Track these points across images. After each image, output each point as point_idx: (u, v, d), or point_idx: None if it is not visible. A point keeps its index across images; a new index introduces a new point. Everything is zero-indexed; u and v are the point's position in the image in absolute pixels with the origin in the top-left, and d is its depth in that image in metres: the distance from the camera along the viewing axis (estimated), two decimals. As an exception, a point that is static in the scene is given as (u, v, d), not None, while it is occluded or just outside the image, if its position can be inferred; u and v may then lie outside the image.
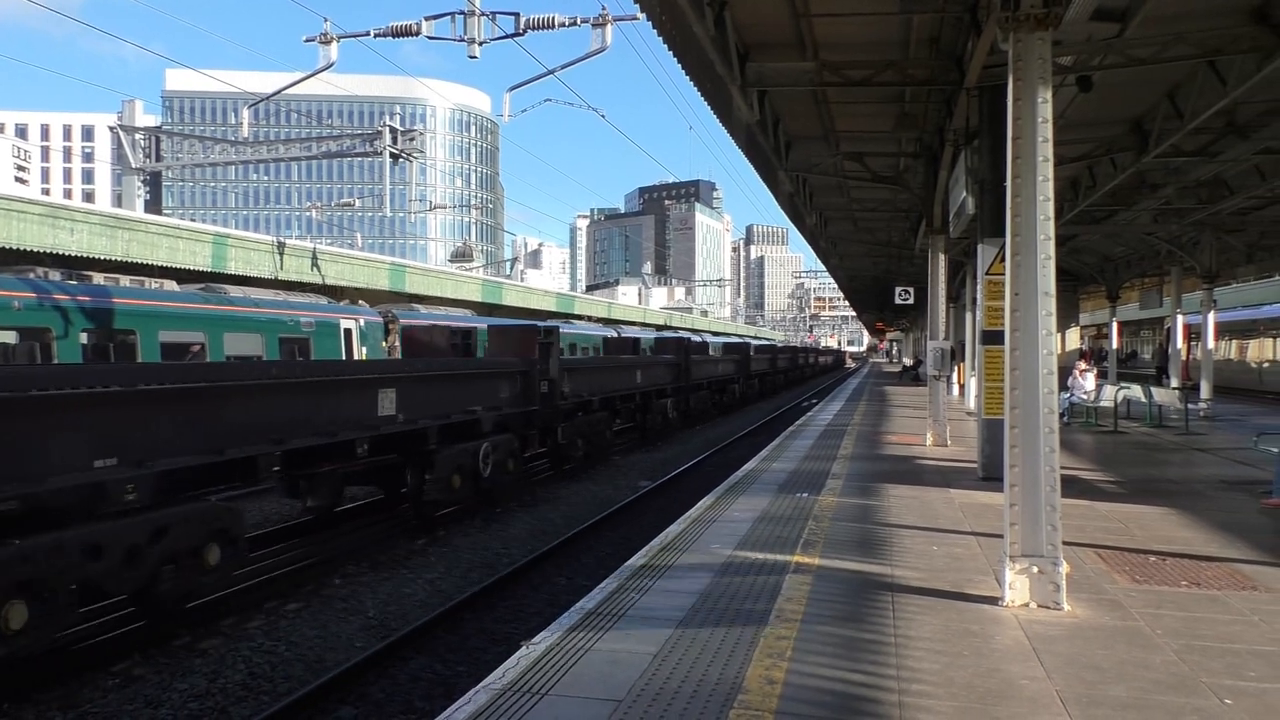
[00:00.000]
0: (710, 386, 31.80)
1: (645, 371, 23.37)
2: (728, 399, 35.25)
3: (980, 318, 11.22)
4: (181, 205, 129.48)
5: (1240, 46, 9.96)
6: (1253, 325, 33.91)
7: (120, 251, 20.55)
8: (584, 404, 18.34)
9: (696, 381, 28.97)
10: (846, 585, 6.60)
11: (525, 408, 15.15)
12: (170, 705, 6.72)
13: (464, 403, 13.05)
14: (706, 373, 31.21)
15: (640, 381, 22.68)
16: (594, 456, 19.12)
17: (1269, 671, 4.85)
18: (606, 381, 20.01)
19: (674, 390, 26.15)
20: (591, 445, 18.69)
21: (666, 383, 25.54)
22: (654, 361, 26.09)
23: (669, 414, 25.15)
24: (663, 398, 24.81)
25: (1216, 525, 8.73)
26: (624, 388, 21.30)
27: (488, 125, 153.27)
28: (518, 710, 4.37)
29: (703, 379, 30.17)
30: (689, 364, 27.69)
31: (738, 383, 37.38)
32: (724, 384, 34.85)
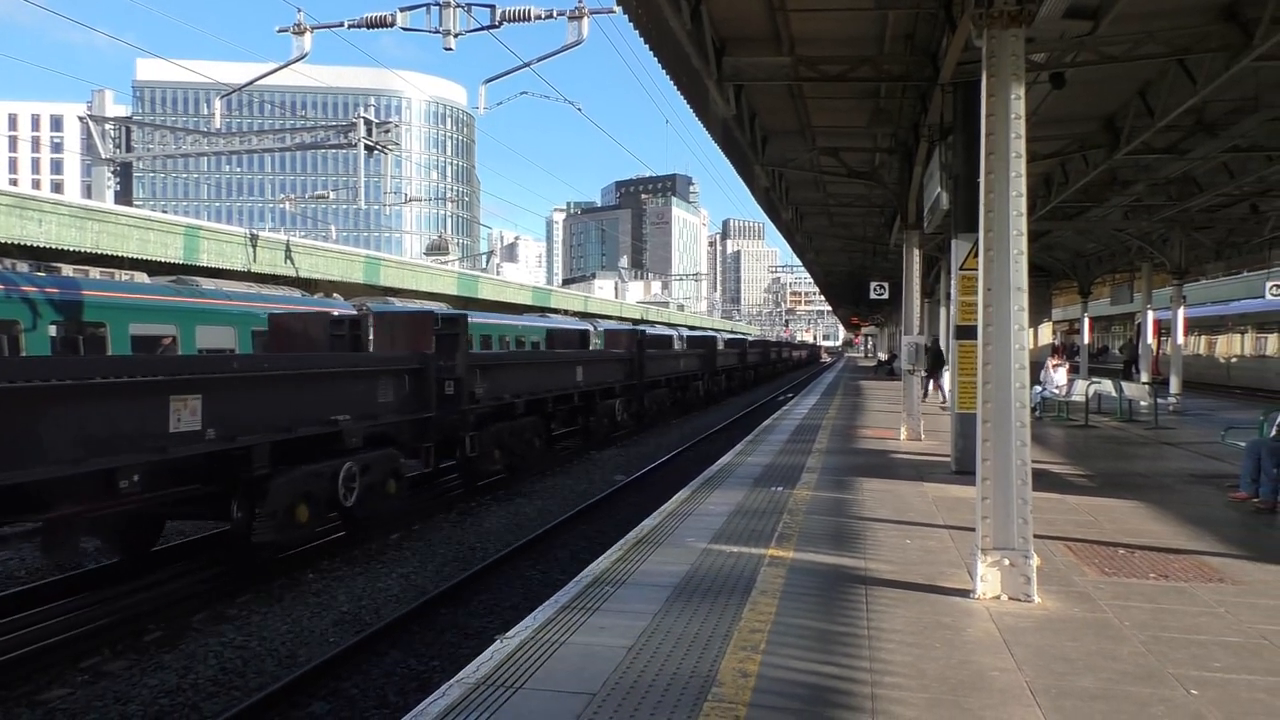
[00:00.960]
0: (670, 384, 29.27)
1: (589, 368, 20.65)
2: (690, 397, 32.79)
3: (954, 312, 11.30)
4: (153, 197, 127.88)
5: (1209, 45, 10.07)
6: (1221, 321, 34.37)
7: (90, 243, 20.30)
8: (504, 408, 15.54)
9: (653, 379, 26.35)
10: (821, 578, 6.63)
11: (417, 414, 12.55)
12: (140, 701, 6.65)
13: (321, 411, 10.32)
14: (665, 369, 28.57)
15: (582, 380, 19.95)
16: (522, 469, 16.61)
17: (1234, 662, 4.92)
18: (537, 380, 17.24)
19: (625, 389, 23.57)
20: (516, 456, 16.00)
21: (616, 380, 22.81)
22: (600, 357, 23.06)
23: (618, 416, 22.48)
24: (610, 397, 22.08)
25: (1184, 518, 8.84)
26: (560, 387, 18.51)
27: (463, 118, 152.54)
28: (492, 704, 4.37)
29: (660, 376, 27.62)
30: (643, 359, 24.96)
31: (702, 379, 34.92)
32: (686, 381, 32.19)
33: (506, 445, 15.44)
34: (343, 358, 12.17)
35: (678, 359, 31.60)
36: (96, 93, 65.87)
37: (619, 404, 22.56)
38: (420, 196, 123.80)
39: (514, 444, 15.77)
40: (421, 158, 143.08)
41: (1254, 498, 9.28)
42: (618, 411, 22.42)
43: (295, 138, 31.32)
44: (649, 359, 25.79)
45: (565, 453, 20.29)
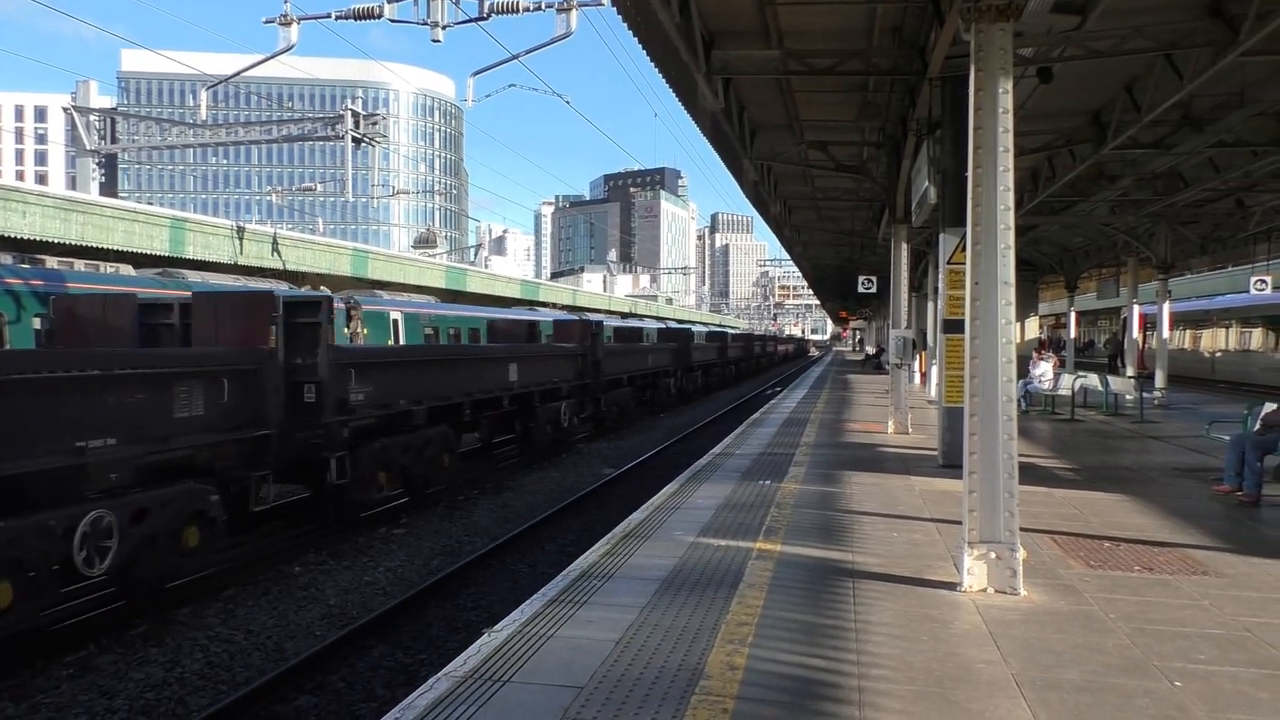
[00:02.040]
0: (635, 382, 26.35)
1: (526, 365, 17.18)
2: (659, 396, 29.85)
3: (942, 307, 11.33)
4: (138, 188, 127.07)
5: (1195, 40, 10.11)
6: (1206, 316, 34.56)
7: (75, 235, 20.14)
8: (395, 418, 12.40)
9: (612, 377, 23.20)
10: (808, 571, 6.65)
11: (245, 432, 9.48)
12: (126, 695, 6.63)
13: (55, 440, 7.18)
14: (627, 365, 25.28)
15: (518, 379, 16.56)
16: (423, 499, 13.42)
17: (1218, 654, 4.95)
18: (449, 381, 13.93)
19: (577, 389, 20.44)
20: (412, 479, 12.72)
21: (564, 380, 19.49)
22: (540, 352, 19.54)
23: (564, 421, 19.19)
24: (555, 400, 18.85)
25: (1169, 511, 8.89)
26: (486, 389, 15.24)
27: (451, 110, 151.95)
28: (479, 697, 4.36)
29: (622, 373, 24.50)
30: (598, 354, 21.66)
31: (674, 376, 31.81)
32: (654, 378, 29.22)
33: (400, 465, 12.19)
34: (100, 356, 8.03)
35: (644, 354, 28.37)
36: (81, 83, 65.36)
37: (567, 407, 19.37)
38: (408, 189, 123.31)
39: (412, 463, 12.53)
40: (409, 150, 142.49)
41: (1238, 491, 9.35)
42: (564, 416, 19.21)
43: (282, 130, 31.11)
44: (608, 354, 22.74)
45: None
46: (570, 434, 20.19)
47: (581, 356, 20.84)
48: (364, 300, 23.84)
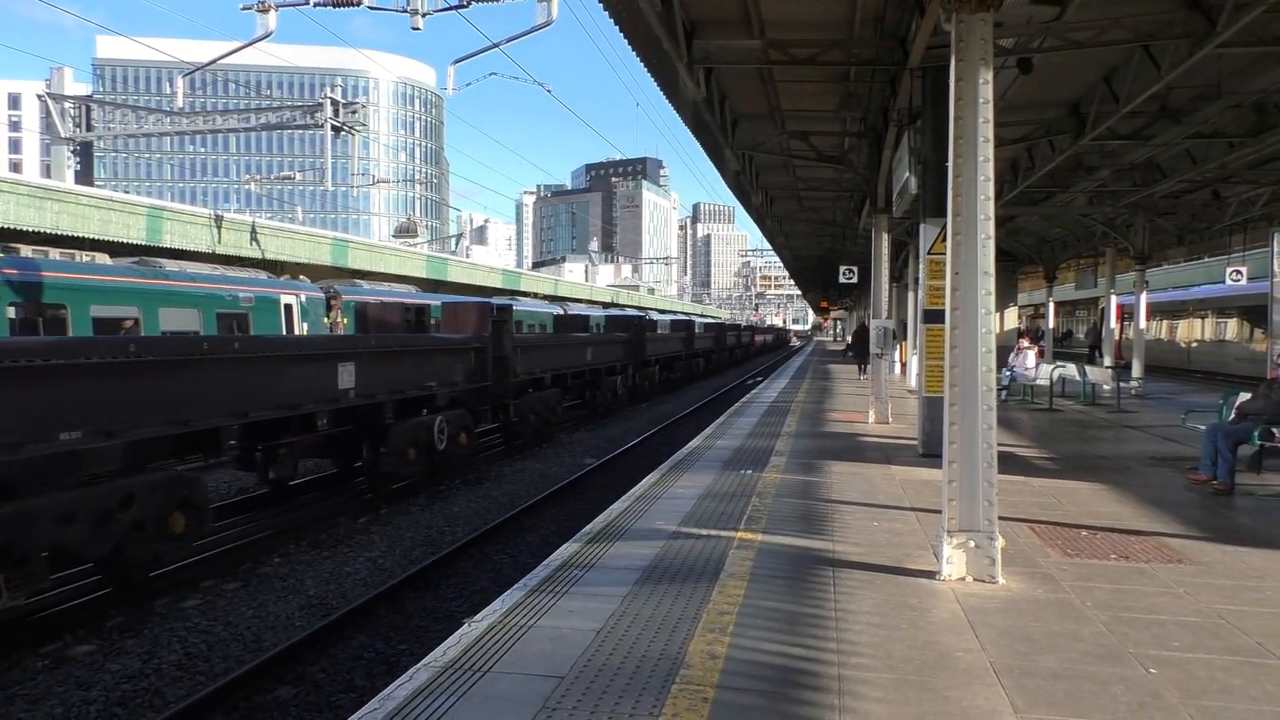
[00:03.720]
0: (566, 382, 21.73)
1: (369, 367, 12.18)
2: (602, 398, 25.54)
3: (922, 297, 11.37)
4: (114, 177, 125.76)
5: (1173, 32, 10.16)
6: (1183, 306, 34.87)
7: (49, 223, 19.89)
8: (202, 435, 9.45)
9: (532, 377, 18.84)
10: (789, 560, 6.67)
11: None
12: (102, 686, 6.58)
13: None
14: (554, 362, 20.45)
15: (355, 386, 11.84)
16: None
17: (1192, 641, 5.01)
18: (277, 388, 10.41)
19: (473, 394, 15.70)
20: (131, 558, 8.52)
21: (444, 383, 14.42)
22: (429, 347, 14.55)
23: (439, 441, 13.91)
24: (456, 407, 14.92)
25: (1145, 500, 8.98)
26: (289, 402, 10.63)
27: (432, 99, 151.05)
28: (459, 687, 4.36)
29: (545, 372, 19.63)
30: (504, 350, 16.88)
31: (624, 373, 27.53)
32: (597, 376, 24.93)
33: None
34: None
35: (580, 348, 23.23)
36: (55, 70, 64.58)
37: (444, 422, 13.97)
38: (388, 178, 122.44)
39: None
40: (389, 139, 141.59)
41: (1213, 480, 9.44)
42: (439, 434, 13.85)
43: (260, 118, 30.84)
44: (524, 348, 18.39)
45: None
46: (459, 457, 14.92)
47: (476, 353, 15.79)
48: (344, 290, 23.74)
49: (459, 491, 14.03)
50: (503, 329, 17.00)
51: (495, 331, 16.63)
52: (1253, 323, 28.14)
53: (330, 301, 22.50)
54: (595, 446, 19.22)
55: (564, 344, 22.54)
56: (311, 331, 20.80)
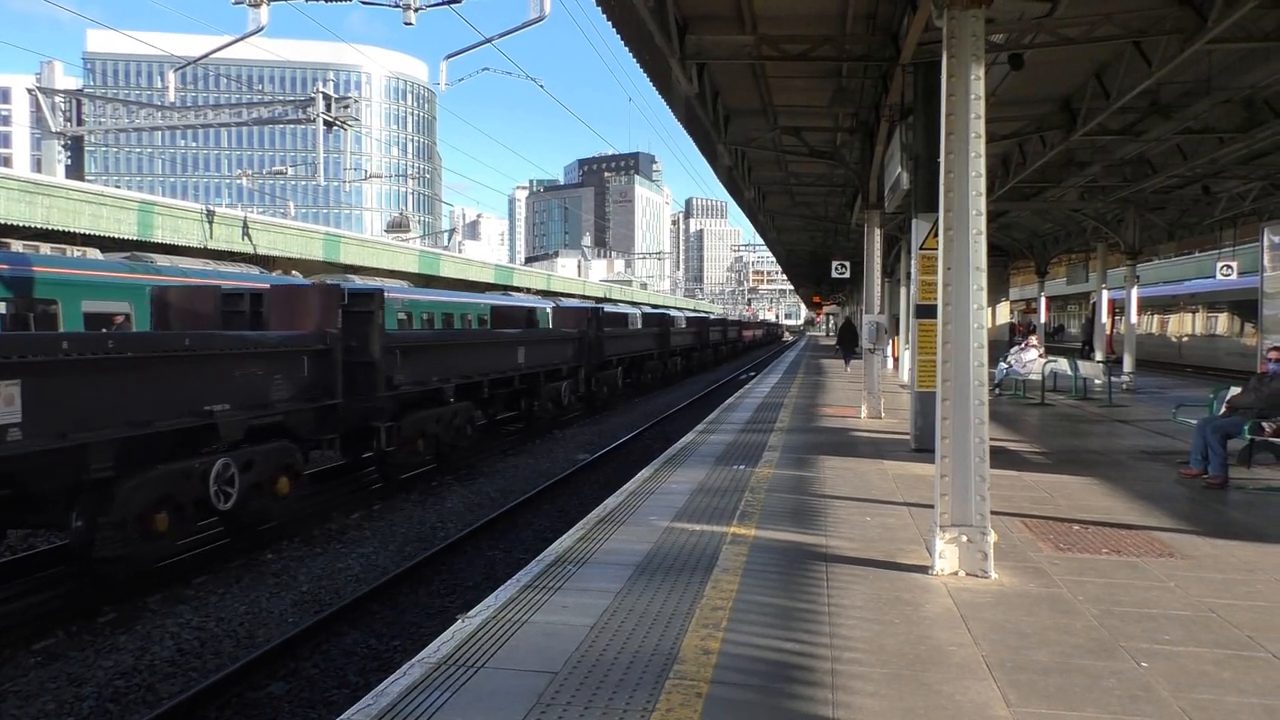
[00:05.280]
0: (486, 394, 16.74)
1: (180, 380, 8.97)
2: (541, 409, 20.02)
3: (914, 292, 11.39)
4: (105, 171, 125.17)
5: (1164, 28, 10.19)
6: (1173, 301, 34.99)
7: (40, 218, 19.82)
8: None
9: (422, 388, 13.89)
10: (782, 555, 6.68)
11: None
12: (95, 683, 6.57)
13: None
14: (463, 367, 15.52)
15: (73, 419, 7.67)
16: None
17: (1183, 635, 5.03)
18: None
19: (314, 417, 11.33)
20: None
21: (278, 401, 10.54)
22: (217, 350, 9.58)
23: (279, 485, 10.46)
24: (269, 439, 10.43)
25: (1137, 494, 9.01)
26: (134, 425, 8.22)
27: (424, 94, 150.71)
28: (453, 683, 4.36)
29: (449, 380, 14.81)
30: (370, 355, 12.19)
31: (572, 378, 22.09)
32: (532, 384, 19.32)
33: None
34: None
35: (507, 349, 17.96)
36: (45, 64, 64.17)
37: (232, 465, 9.55)
38: (381, 173, 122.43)
39: None
40: (382, 134, 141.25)
41: (1204, 474, 9.48)
42: (221, 484, 9.41)
43: (252, 112, 30.75)
44: (405, 351, 13.39)
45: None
46: (277, 511, 10.59)
47: (317, 356, 11.34)
48: (336, 285, 23.61)
49: (452, 487, 14.02)
50: (368, 324, 12.22)
51: (353, 327, 12.05)
52: (1243, 317, 28.24)
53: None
54: (589, 442, 19.22)
55: (475, 343, 17.06)
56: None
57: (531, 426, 20.20)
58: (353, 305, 12.23)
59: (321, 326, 11.75)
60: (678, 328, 39.00)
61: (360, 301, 12.39)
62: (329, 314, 11.90)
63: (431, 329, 24.39)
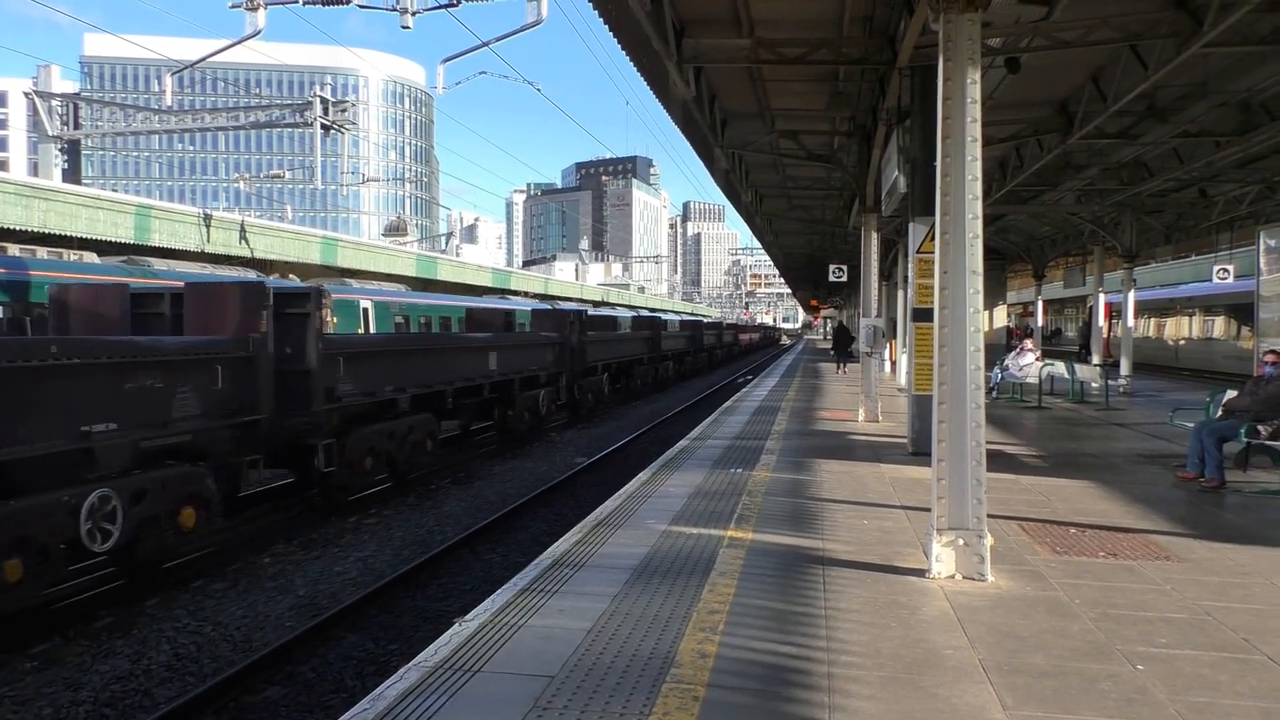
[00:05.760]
0: (449, 403, 15.16)
1: None
2: (516, 421, 18.46)
3: (911, 295, 11.40)
4: (102, 175, 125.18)
5: (1160, 31, 10.22)
6: (1170, 304, 35.04)
7: (36, 222, 19.79)
8: None
9: (363, 401, 12.31)
10: (779, 559, 6.68)
11: None
12: (91, 687, 6.56)
13: None
14: (419, 375, 13.88)
15: None
16: None
17: (1179, 638, 5.04)
18: None
19: (232, 437, 9.97)
20: None
21: (183, 419, 9.00)
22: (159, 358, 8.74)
23: (182, 517, 8.87)
24: (159, 465, 8.87)
25: (1133, 498, 9.02)
26: None
27: (422, 97, 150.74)
28: (450, 687, 4.35)
29: (403, 389, 13.32)
30: (305, 362, 10.93)
31: (552, 386, 20.49)
32: (507, 393, 17.93)
33: None
34: None
35: (477, 354, 16.39)
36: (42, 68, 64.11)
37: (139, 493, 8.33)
38: (378, 177, 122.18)
39: None
40: (379, 137, 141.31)
41: (1201, 477, 9.49)
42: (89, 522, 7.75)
43: (249, 116, 30.78)
44: (349, 358, 11.99)
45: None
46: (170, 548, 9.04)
47: (234, 365, 9.84)
48: (334, 289, 23.65)
49: (449, 491, 14.01)
50: (303, 327, 10.94)
51: (286, 331, 10.78)
52: (1239, 320, 28.30)
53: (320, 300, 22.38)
54: (586, 445, 19.22)
55: (437, 348, 15.12)
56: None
57: (506, 439, 18.62)
58: (285, 306, 10.83)
59: (243, 330, 10.26)
60: (669, 331, 37.74)
61: (293, 301, 10.99)
62: (252, 315, 10.39)
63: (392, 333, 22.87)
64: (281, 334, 10.68)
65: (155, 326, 10.86)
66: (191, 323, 10.58)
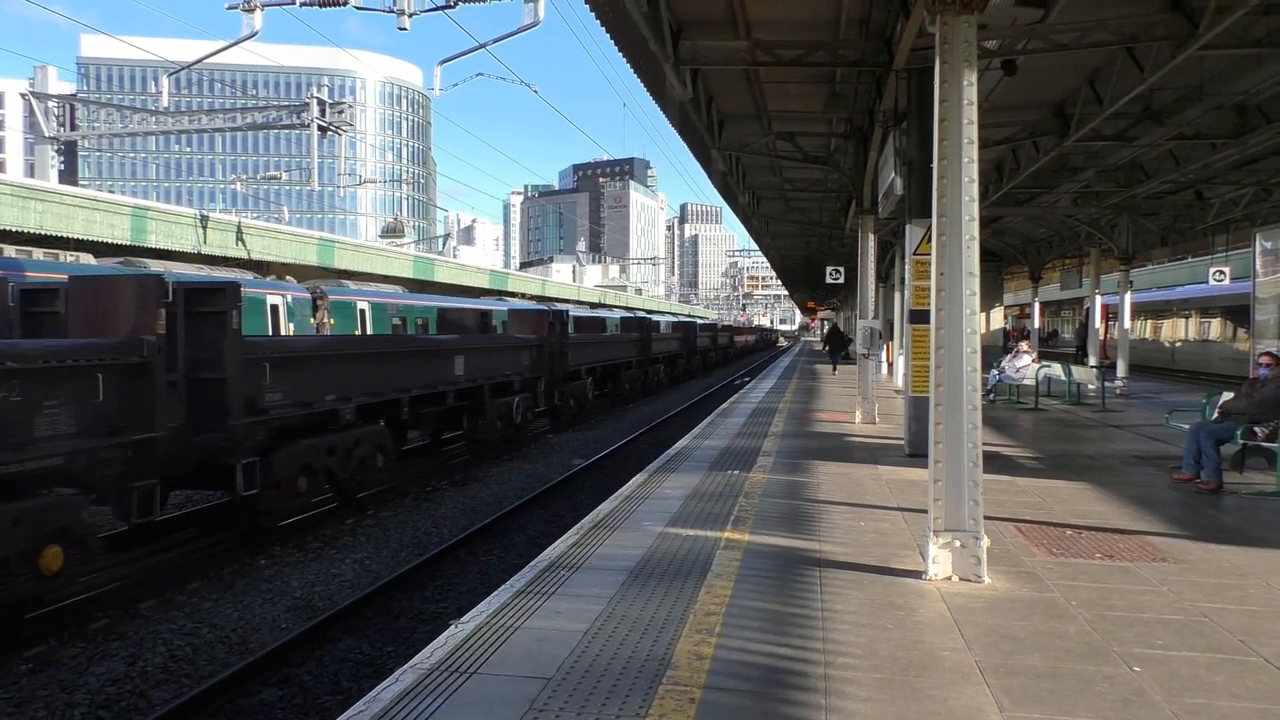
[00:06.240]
0: (404, 415, 13.82)
1: None
2: (487, 431, 16.61)
3: (908, 297, 11.40)
4: (99, 176, 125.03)
5: (1156, 34, 10.24)
6: (1166, 306, 35.09)
7: (33, 223, 19.78)
8: None
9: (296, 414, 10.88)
10: (775, 561, 6.68)
11: None
12: (87, 689, 6.54)
13: None
14: (377, 382, 12.64)
15: None
16: None
17: (1175, 640, 5.04)
18: None
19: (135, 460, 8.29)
20: None
21: (96, 442, 7.87)
22: (14, 366, 6.99)
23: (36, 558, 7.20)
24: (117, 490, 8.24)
25: (1130, 499, 9.03)
26: None
27: (419, 99, 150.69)
28: (446, 689, 4.35)
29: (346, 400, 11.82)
30: (222, 369, 9.34)
31: (525, 392, 18.52)
32: (476, 400, 16.28)
33: None
34: None
35: (441, 359, 14.74)
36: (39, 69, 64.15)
37: None
38: (375, 178, 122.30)
39: None
40: (376, 139, 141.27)
41: (1197, 479, 9.50)
42: None
43: (246, 117, 30.77)
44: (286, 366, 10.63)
45: None
46: None
47: (120, 374, 8.22)
48: (331, 290, 23.67)
49: (446, 493, 14.00)
50: (219, 329, 9.37)
51: (198, 333, 9.35)
52: (1236, 322, 28.34)
53: (316, 302, 22.42)
54: (583, 447, 19.21)
55: (390, 352, 13.41)
56: (298, 332, 20.70)
57: (476, 451, 16.94)
58: (196, 303, 9.32)
59: (138, 331, 8.66)
60: (660, 333, 35.99)
61: (206, 299, 9.40)
62: (147, 315, 8.82)
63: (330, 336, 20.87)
64: (193, 336, 9.26)
65: (50, 328, 9.40)
66: (76, 323, 9.07)
